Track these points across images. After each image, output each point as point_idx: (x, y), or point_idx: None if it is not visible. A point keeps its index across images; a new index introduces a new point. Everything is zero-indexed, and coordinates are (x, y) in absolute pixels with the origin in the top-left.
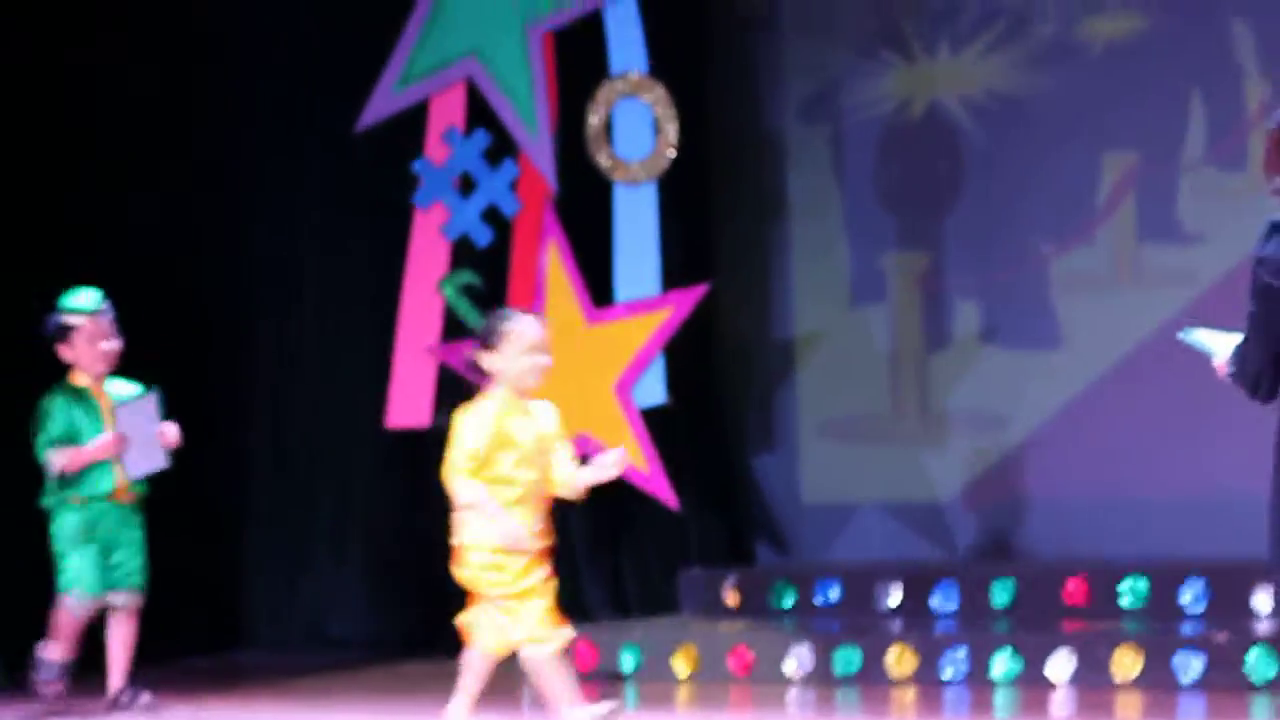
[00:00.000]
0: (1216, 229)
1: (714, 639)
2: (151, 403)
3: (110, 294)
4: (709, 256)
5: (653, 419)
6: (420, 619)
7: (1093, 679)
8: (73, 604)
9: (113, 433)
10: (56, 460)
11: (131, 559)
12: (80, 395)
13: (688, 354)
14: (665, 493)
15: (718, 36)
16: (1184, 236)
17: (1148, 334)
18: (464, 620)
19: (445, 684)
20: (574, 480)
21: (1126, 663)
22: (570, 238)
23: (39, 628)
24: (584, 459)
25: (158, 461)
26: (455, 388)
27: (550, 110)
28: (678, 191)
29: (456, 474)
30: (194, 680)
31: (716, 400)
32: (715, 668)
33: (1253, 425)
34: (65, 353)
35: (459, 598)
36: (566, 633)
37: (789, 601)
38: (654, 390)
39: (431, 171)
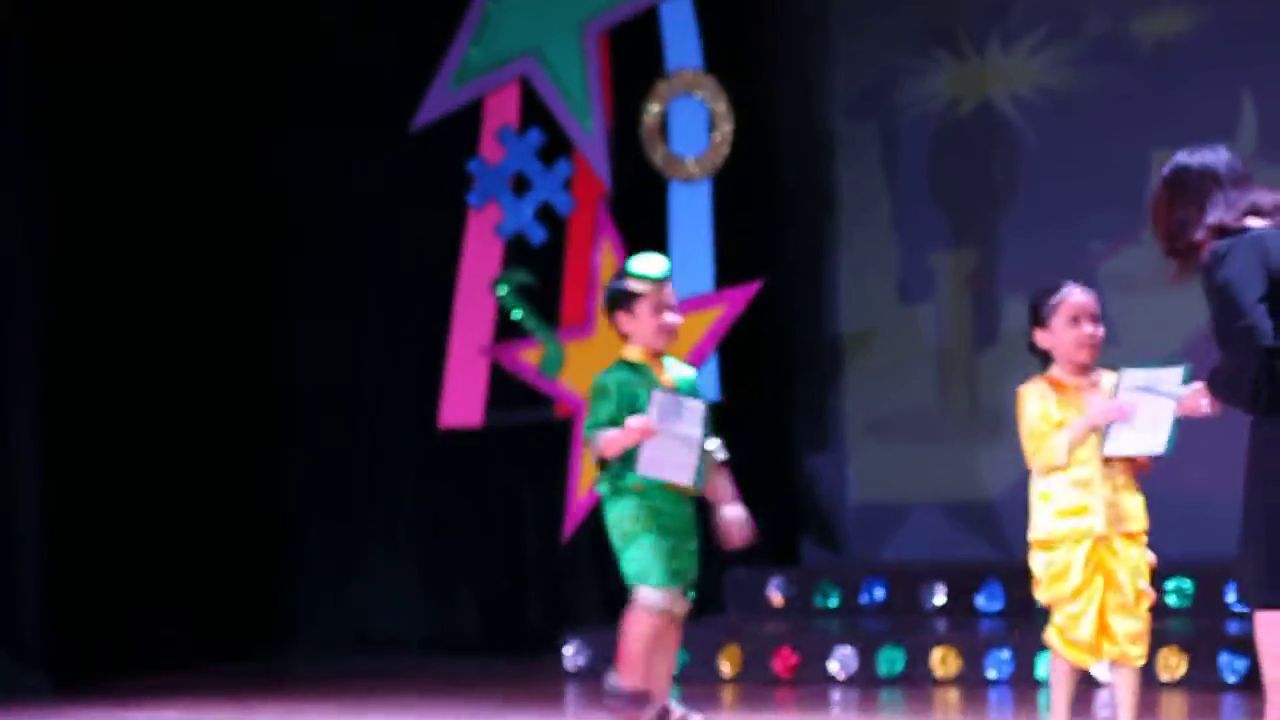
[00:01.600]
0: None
1: (758, 639)
2: (695, 409)
3: (168, 285)
4: (762, 254)
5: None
6: (471, 620)
7: None
8: (651, 599)
9: (644, 418)
10: (598, 444)
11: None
12: (638, 371)
13: (740, 351)
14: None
15: (771, 34)
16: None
17: (1197, 332)
18: None
19: (495, 685)
20: None
21: (1172, 662)
22: (624, 236)
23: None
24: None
25: (684, 471)
26: (507, 387)
27: (605, 108)
28: (732, 189)
29: None
30: (240, 683)
31: (767, 398)
32: (759, 668)
33: None
34: (625, 323)
35: (511, 597)
36: None
37: (834, 601)
38: (707, 388)
39: (486, 170)
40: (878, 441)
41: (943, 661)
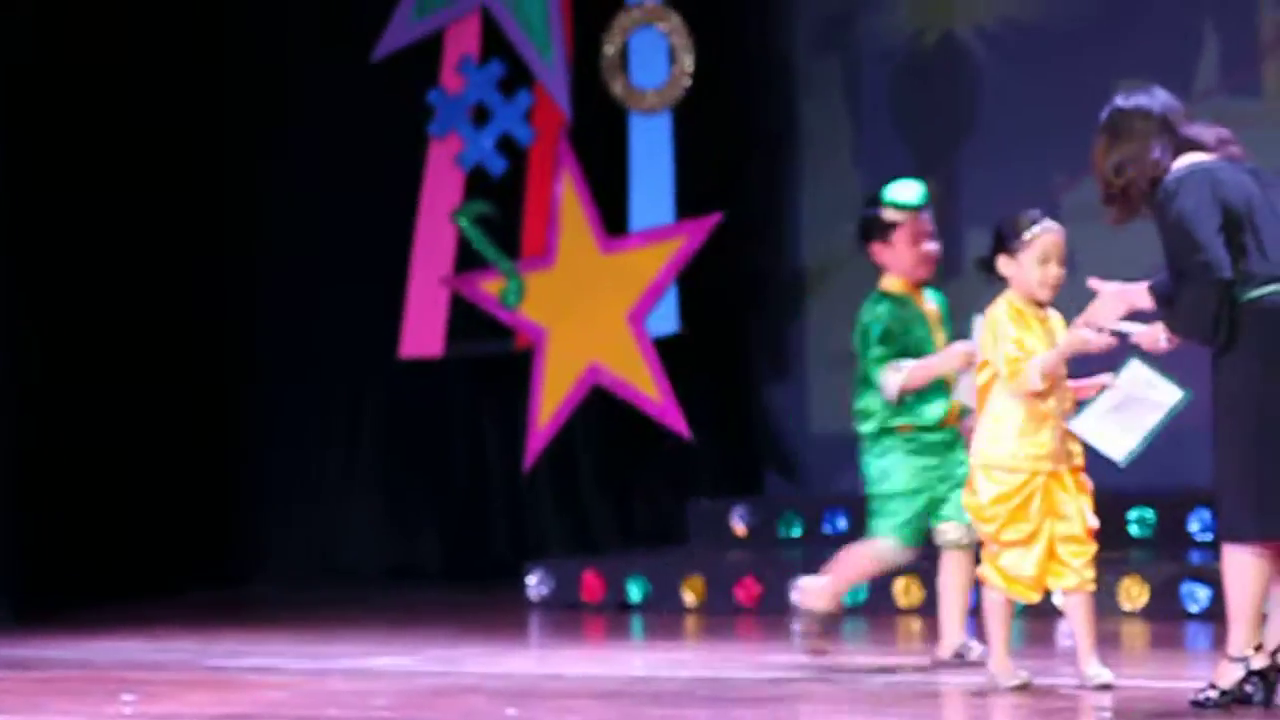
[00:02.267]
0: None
1: (721, 569)
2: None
3: (124, 217)
4: (722, 185)
5: (665, 348)
6: (433, 550)
7: (1100, 608)
8: (884, 550)
9: (964, 344)
10: (893, 379)
11: (954, 491)
12: (902, 304)
13: (701, 284)
14: (677, 422)
15: None
16: None
17: (1158, 263)
18: None
19: (459, 614)
20: None
21: (1134, 592)
22: (585, 167)
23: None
24: (595, 388)
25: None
26: (468, 317)
27: (566, 40)
28: (692, 121)
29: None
30: (203, 613)
31: (728, 330)
32: (723, 598)
33: None
34: (881, 254)
35: (473, 527)
36: None
37: (797, 531)
38: (667, 320)
39: (446, 101)
40: (839, 373)
41: (905, 591)
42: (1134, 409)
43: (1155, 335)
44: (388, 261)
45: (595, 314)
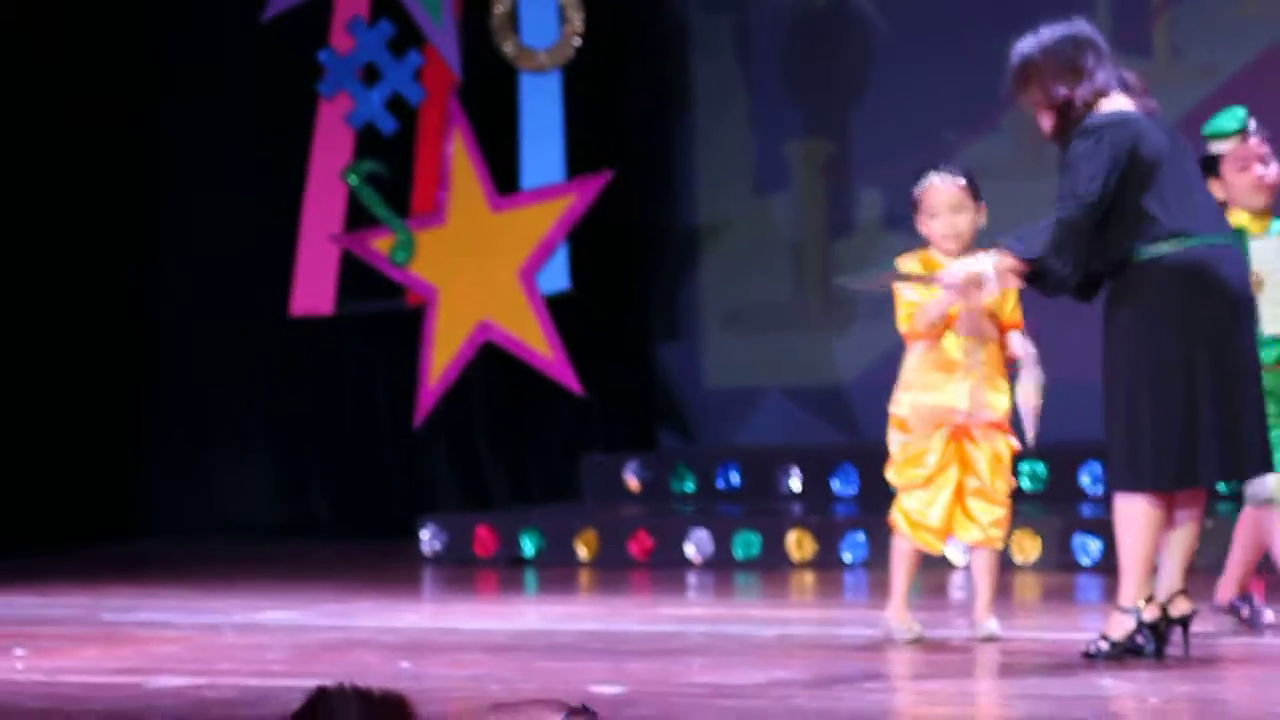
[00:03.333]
0: None
1: (615, 524)
2: None
3: (17, 174)
4: (614, 144)
5: (556, 305)
6: (325, 505)
7: None
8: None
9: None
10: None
11: None
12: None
13: (592, 241)
14: (569, 378)
15: None
16: None
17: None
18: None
19: (353, 569)
20: None
21: (1025, 545)
22: (475, 126)
23: None
24: (487, 345)
25: None
26: (358, 275)
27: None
28: (583, 80)
29: None
30: (94, 568)
31: (621, 287)
32: (616, 552)
33: None
34: (1215, 188)
35: (365, 482)
36: None
37: (690, 486)
38: (558, 277)
39: (336, 61)
40: (733, 330)
41: (798, 545)
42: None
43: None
44: (279, 220)
45: (486, 271)
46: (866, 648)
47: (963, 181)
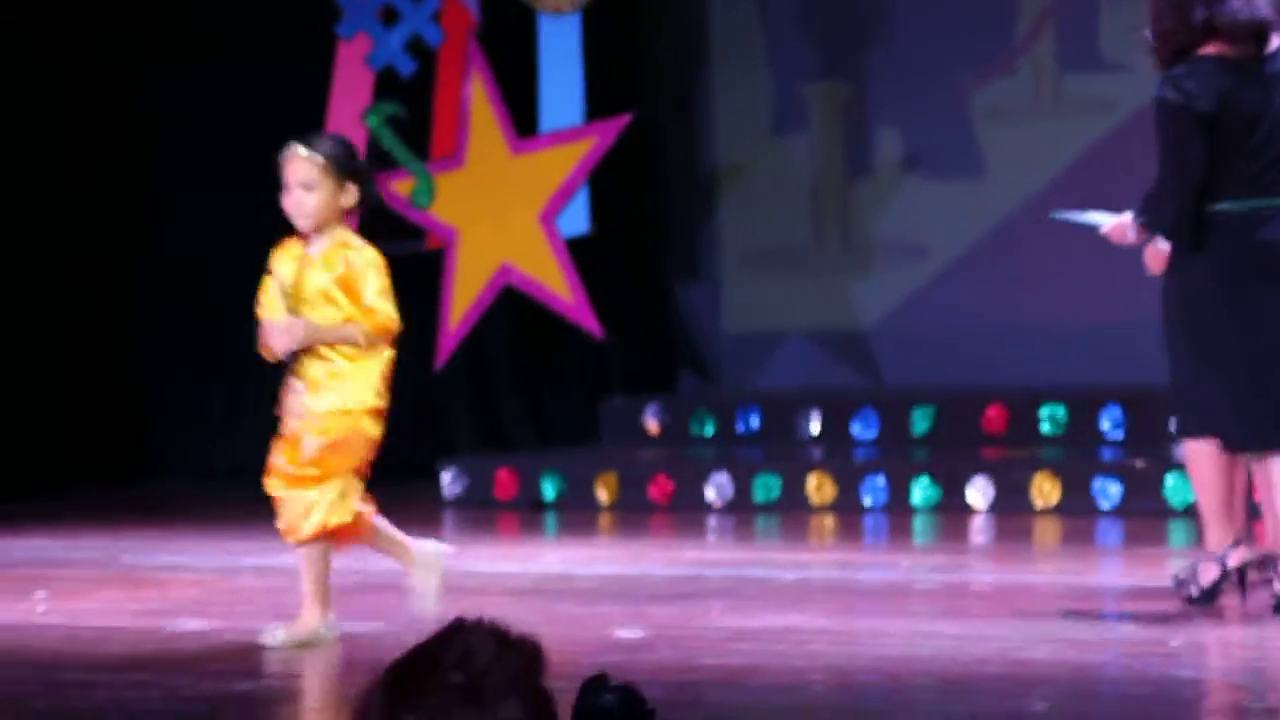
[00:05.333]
0: (1138, 58)
1: (635, 467)
2: None
3: (28, 129)
4: (632, 87)
5: (577, 248)
6: None
7: (1012, 505)
8: None
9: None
10: None
11: None
12: None
13: (612, 184)
14: (589, 321)
15: None
16: (1105, 66)
17: (1069, 162)
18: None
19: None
20: None
21: (1045, 489)
22: (494, 68)
23: None
24: (507, 288)
25: None
26: (378, 218)
27: None
28: (602, 22)
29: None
30: (111, 509)
31: (640, 230)
32: (636, 496)
33: None
34: None
35: (385, 426)
36: None
37: (710, 430)
38: (578, 220)
39: (354, 3)
40: (751, 272)
41: (818, 489)
42: None
43: (1124, 228)
44: None
45: (506, 214)
46: (886, 591)
47: (319, 159)
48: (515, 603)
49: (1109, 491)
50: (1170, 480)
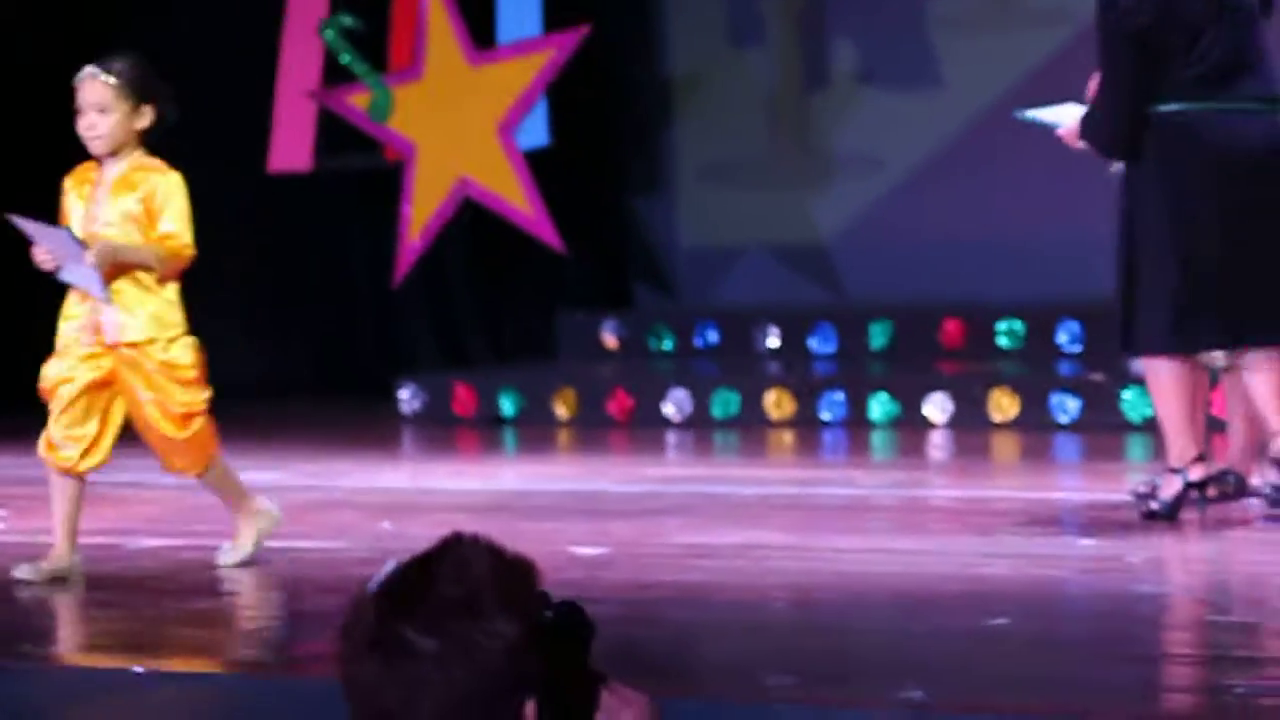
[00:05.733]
0: None
1: (593, 383)
2: None
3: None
4: None
5: (535, 161)
6: (302, 365)
7: (970, 420)
8: None
9: None
10: None
11: None
12: None
13: (570, 96)
14: (549, 234)
15: None
16: None
17: (1025, 74)
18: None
19: (332, 428)
20: None
21: (1004, 404)
22: None
23: None
24: (467, 202)
25: None
26: (337, 131)
27: None
28: None
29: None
30: None
31: (598, 143)
32: (594, 411)
33: None
34: None
35: (343, 342)
36: None
37: (668, 344)
38: (537, 132)
39: None
40: (709, 185)
41: (777, 404)
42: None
43: (1073, 134)
44: (255, 76)
45: (464, 127)
46: (845, 507)
47: (112, 80)
48: (474, 520)
49: (1067, 406)
50: (1128, 395)
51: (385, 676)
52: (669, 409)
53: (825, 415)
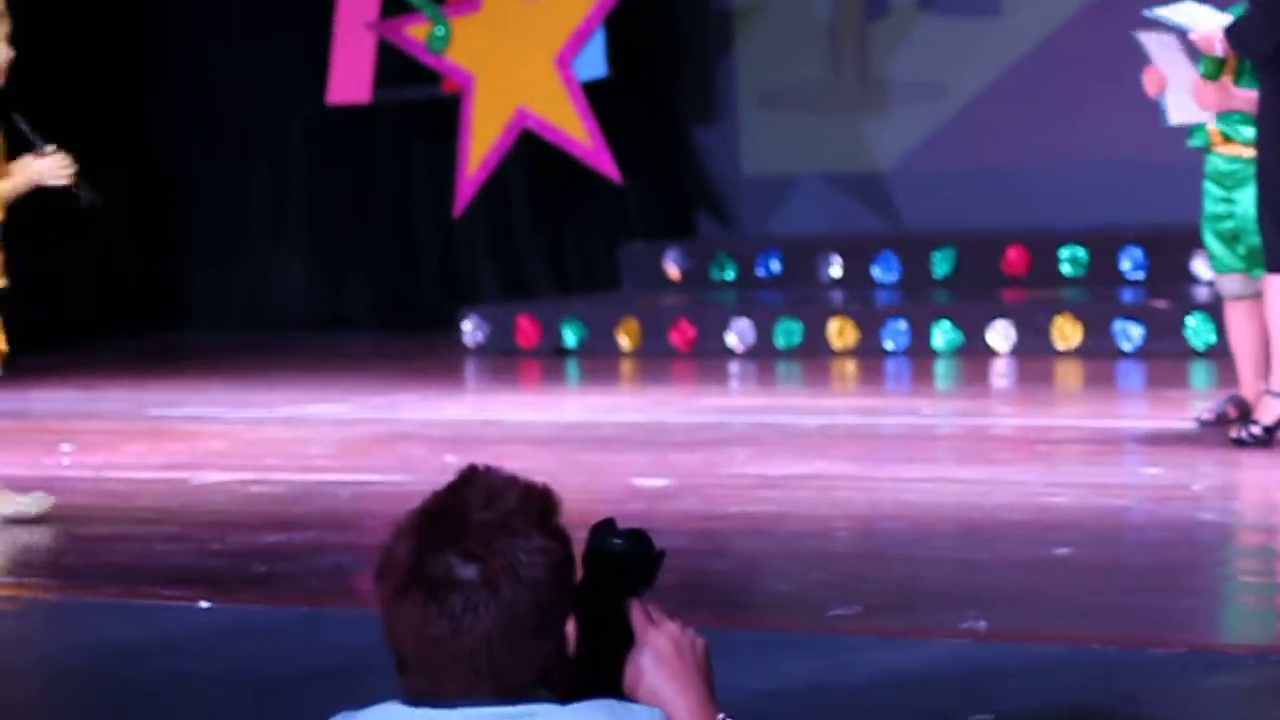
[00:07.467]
0: None
1: (656, 313)
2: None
3: None
4: None
5: (594, 92)
6: (363, 298)
7: (1033, 348)
8: None
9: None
10: None
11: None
12: None
13: (628, 27)
14: (608, 166)
15: None
16: None
17: (1087, 1)
18: None
19: (395, 360)
20: None
21: (1067, 331)
22: None
23: None
24: (525, 133)
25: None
26: (396, 63)
27: None
28: None
29: None
30: (137, 360)
31: (657, 73)
32: (658, 341)
33: None
34: None
35: (404, 274)
36: None
37: (730, 274)
38: (595, 63)
39: None
40: (769, 114)
41: (840, 333)
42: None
43: (1211, 39)
44: (315, 8)
45: (522, 58)
46: (908, 436)
47: None
48: (537, 451)
49: (1130, 333)
50: (1192, 321)
51: (431, 610)
52: (732, 339)
53: (888, 344)
